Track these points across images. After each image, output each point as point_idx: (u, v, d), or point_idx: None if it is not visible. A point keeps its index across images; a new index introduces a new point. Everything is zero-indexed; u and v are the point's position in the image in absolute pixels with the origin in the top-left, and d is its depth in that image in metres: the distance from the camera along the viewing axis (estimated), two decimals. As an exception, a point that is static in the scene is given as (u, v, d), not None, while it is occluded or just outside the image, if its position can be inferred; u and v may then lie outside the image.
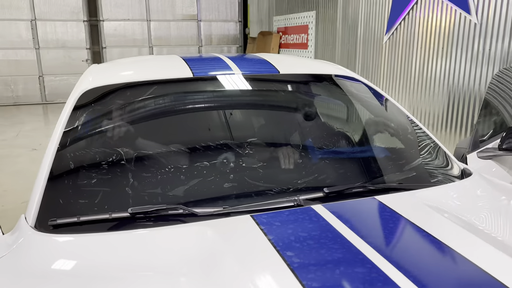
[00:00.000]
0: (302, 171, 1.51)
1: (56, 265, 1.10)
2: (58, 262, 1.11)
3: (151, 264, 1.06)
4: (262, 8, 10.17)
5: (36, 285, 1.03)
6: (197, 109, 1.76)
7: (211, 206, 1.29)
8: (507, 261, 0.99)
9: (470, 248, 1.04)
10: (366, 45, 6.17)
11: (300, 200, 1.30)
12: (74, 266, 1.10)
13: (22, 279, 1.05)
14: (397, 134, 1.82)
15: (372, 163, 1.67)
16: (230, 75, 1.83)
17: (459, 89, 4.63)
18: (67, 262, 1.12)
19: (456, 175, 1.57)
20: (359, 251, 1.02)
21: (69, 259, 1.13)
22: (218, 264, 1.01)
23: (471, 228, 1.17)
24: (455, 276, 0.94)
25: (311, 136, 1.74)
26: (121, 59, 2.35)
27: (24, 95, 9.93)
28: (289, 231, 1.12)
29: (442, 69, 4.83)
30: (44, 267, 1.09)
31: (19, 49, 9.67)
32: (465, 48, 4.48)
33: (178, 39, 10.78)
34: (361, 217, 1.19)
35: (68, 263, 1.12)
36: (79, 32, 10.00)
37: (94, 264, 1.09)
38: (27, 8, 9.52)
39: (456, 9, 4.51)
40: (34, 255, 1.13)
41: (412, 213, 1.22)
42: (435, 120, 5.01)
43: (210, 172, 1.44)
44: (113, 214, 1.24)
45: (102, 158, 1.49)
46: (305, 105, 1.91)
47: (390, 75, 5.72)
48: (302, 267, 0.96)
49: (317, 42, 7.77)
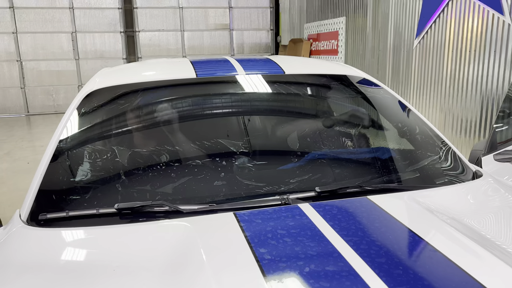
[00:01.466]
0: (296, 171, 1.46)
1: (43, 257, 1.12)
2: (45, 255, 1.13)
3: (127, 258, 1.06)
4: (294, 16, 10.17)
5: (21, 276, 1.04)
6: (197, 109, 1.76)
7: (196, 203, 1.28)
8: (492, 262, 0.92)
9: (456, 249, 0.96)
10: (396, 49, 6.02)
11: (288, 199, 1.26)
12: (59, 258, 1.12)
13: (8, 270, 1.07)
14: (404, 134, 1.75)
15: (372, 164, 1.61)
16: (233, 76, 1.82)
17: (492, 93, 4.41)
18: (53, 255, 1.14)
19: (463, 176, 1.48)
20: (335, 249, 0.97)
21: (55, 252, 1.15)
22: (187, 259, 1.00)
23: (467, 231, 1.09)
24: (433, 276, 0.88)
25: (310, 137, 1.69)
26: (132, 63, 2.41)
27: (65, 104, 10.38)
28: (268, 228, 1.09)
29: (474, 72, 4.62)
30: (31, 259, 1.11)
31: (60, 60, 10.15)
32: (499, 50, 4.27)
33: (211, 48, 10.96)
34: (347, 216, 1.14)
35: (54, 256, 1.14)
36: (116, 43, 10.38)
37: (78, 257, 1.11)
38: (68, 21, 9.99)
39: (488, 10, 4.32)
40: (22, 247, 1.16)
41: (402, 213, 1.15)
42: (468, 125, 4.79)
43: (200, 171, 1.43)
44: (100, 210, 1.25)
45: (96, 157, 1.51)
46: (308, 106, 1.86)
47: (421, 80, 5.53)
48: (272, 263, 0.93)
49: (347, 48, 7.67)
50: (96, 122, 1.66)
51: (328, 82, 1.96)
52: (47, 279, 1.00)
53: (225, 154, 1.50)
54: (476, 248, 0.99)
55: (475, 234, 1.09)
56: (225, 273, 0.92)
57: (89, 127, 1.63)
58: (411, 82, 5.73)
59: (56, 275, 1.03)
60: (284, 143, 1.65)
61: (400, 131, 1.78)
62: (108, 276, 0.99)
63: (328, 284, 0.85)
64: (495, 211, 1.27)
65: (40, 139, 7.50)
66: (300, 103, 1.86)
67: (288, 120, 1.79)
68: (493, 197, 1.38)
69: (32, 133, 8.14)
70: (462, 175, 1.49)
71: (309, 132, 1.69)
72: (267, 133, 1.70)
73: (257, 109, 1.79)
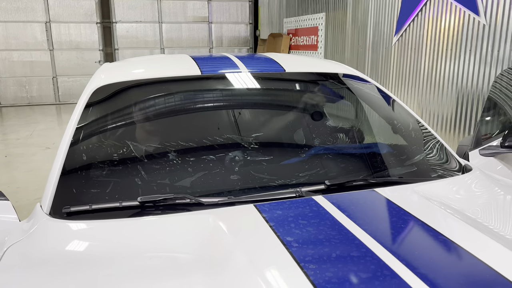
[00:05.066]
0: (305, 165, 1.56)
1: (70, 249, 1.17)
2: (72, 246, 1.18)
3: (159, 247, 1.13)
4: (273, 10, 10.24)
5: (51, 267, 1.09)
6: (205, 106, 1.83)
7: (216, 196, 1.35)
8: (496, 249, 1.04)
9: (463, 237, 1.08)
10: (376, 46, 6.20)
11: (302, 191, 1.35)
12: (87, 249, 1.17)
13: (38, 262, 1.12)
14: (399, 131, 1.87)
15: (374, 158, 1.72)
16: (237, 73, 1.89)
17: (467, 90, 4.63)
18: (80, 246, 1.19)
19: (456, 170, 1.61)
20: (355, 237, 1.07)
21: (82, 244, 1.19)
22: (222, 248, 1.07)
23: (465, 218, 1.21)
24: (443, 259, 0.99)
25: (315, 132, 1.79)
26: (132, 58, 2.43)
27: (38, 95, 10.13)
28: (289, 218, 1.17)
29: (450, 70, 4.84)
30: (59, 251, 1.15)
31: (33, 51, 9.88)
32: (474, 50, 4.49)
33: (189, 41, 10.91)
34: (359, 207, 1.24)
35: (81, 247, 1.19)
36: (92, 34, 10.18)
37: (105, 248, 1.16)
38: (42, 10, 9.72)
39: (464, 10, 4.52)
40: (49, 239, 1.20)
41: (408, 204, 1.26)
42: (444, 121, 5.01)
43: (216, 165, 1.50)
44: (123, 203, 1.30)
45: (113, 151, 1.56)
46: (309, 103, 1.96)
47: (399, 77, 5.73)
48: (301, 250, 1.02)
49: (327, 43, 7.81)
50: (109, 117, 1.70)
51: (326, 79, 2.06)
52: (85, 268, 1.06)
53: (237, 148, 1.58)
54: (478, 234, 1.11)
55: (473, 221, 1.21)
56: (259, 259, 1.00)
57: (101, 122, 1.67)
58: (390, 78, 5.93)
59: (89, 265, 1.08)
60: (291, 138, 1.74)
61: (395, 127, 1.90)
62: (145, 265, 1.05)
63: (355, 268, 0.95)
64: (485, 201, 1.41)
65: (15, 132, 7.32)
66: (302, 99, 1.96)
67: (292, 116, 1.88)
68: (483, 189, 1.51)
69: (5, 126, 7.92)
70: (455, 169, 1.63)
71: (314, 128, 1.79)
72: (273, 128, 1.78)
73: (263, 106, 1.87)
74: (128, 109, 1.74)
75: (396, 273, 0.93)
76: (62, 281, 1.01)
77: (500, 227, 1.21)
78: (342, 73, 2.05)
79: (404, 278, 0.91)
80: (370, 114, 2.03)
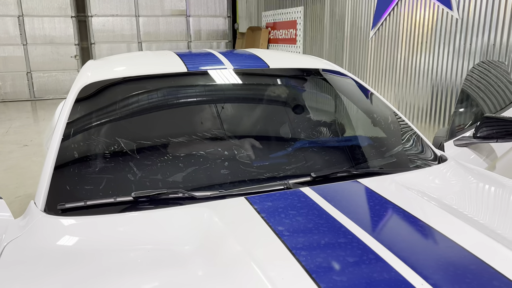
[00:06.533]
0: (292, 159, 1.63)
1: (67, 245, 1.20)
2: (68, 242, 1.22)
3: (155, 240, 1.17)
4: (251, 3, 10.26)
5: (49, 263, 1.12)
6: (193, 102, 1.87)
7: (208, 190, 1.40)
8: (470, 232, 1.13)
9: (439, 222, 1.17)
10: (353, 40, 6.31)
11: (289, 183, 1.42)
12: (83, 245, 1.21)
13: (36, 258, 1.15)
14: (379, 124, 1.95)
15: (356, 151, 1.80)
16: (222, 70, 1.94)
17: (442, 82, 4.79)
18: (76, 242, 1.22)
19: (432, 160, 1.71)
20: (341, 225, 1.15)
21: (78, 239, 1.23)
22: (217, 239, 1.13)
23: (441, 205, 1.31)
24: (423, 243, 1.08)
25: (299, 127, 1.86)
26: (116, 55, 2.45)
27: (12, 91, 9.90)
28: (279, 209, 1.24)
29: (425, 63, 4.99)
30: (56, 247, 1.19)
31: (6, 45, 9.63)
32: (447, 43, 4.64)
33: (167, 34, 10.82)
34: (344, 197, 1.32)
35: (77, 243, 1.22)
36: (67, 28, 9.98)
37: (100, 243, 1.19)
38: (14, 3, 9.47)
39: (438, 4, 4.67)
40: (46, 236, 1.23)
41: (388, 192, 1.35)
42: (420, 112, 5.18)
43: (206, 160, 1.55)
44: (117, 198, 1.34)
45: (103, 148, 1.59)
46: (293, 98, 2.03)
47: (376, 70, 5.87)
48: (292, 238, 1.09)
49: (306, 37, 7.90)
50: (98, 114, 1.72)
51: (308, 75, 2.13)
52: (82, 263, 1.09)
53: (225, 143, 1.63)
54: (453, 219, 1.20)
55: (449, 207, 1.31)
56: (253, 248, 1.06)
57: (91, 118, 1.70)
58: (367, 71, 6.06)
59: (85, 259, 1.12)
60: (277, 133, 1.81)
61: (375, 120, 1.99)
62: (143, 257, 1.10)
63: (343, 253, 1.02)
64: (459, 190, 1.51)
65: (-10, 129, 7.16)
66: (286, 95, 2.02)
67: (276, 111, 1.94)
68: (457, 178, 1.61)
69: (-21, 123, 7.73)
70: (431, 159, 1.72)
71: (298, 122, 1.86)
72: (260, 123, 1.85)
73: (249, 101, 1.92)
74: (117, 105, 1.77)
75: (380, 256, 1.01)
76: (60, 276, 1.04)
77: (473, 212, 1.31)
78: (323, 69, 2.13)
79: (388, 261, 0.99)
80: (350, 108, 2.11)
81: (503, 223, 1.24)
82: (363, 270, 0.97)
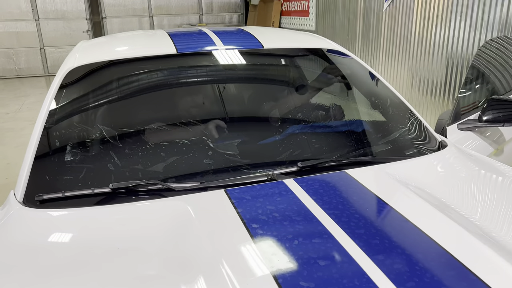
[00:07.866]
0: (279, 147, 1.56)
1: (43, 237, 1.19)
2: (45, 235, 1.20)
3: (129, 235, 1.14)
4: (263, -26, 9.94)
5: (23, 256, 1.11)
6: (179, 85, 1.80)
7: (188, 181, 1.36)
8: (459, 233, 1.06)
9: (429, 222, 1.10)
10: (367, 12, 6.07)
11: (273, 174, 1.36)
12: (59, 238, 1.19)
13: (10, 251, 1.13)
14: (377, 107, 1.86)
15: (349, 137, 1.72)
16: (213, 51, 1.85)
17: (457, 56, 4.58)
18: (53, 235, 1.20)
19: (431, 147, 1.61)
20: (319, 222, 1.09)
21: (54, 232, 1.21)
22: (187, 235, 1.09)
23: (432, 200, 1.23)
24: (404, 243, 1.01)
25: (290, 112, 1.78)
26: (109, 35, 2.38)
27: (27, 67, 9.96)
28: (257, 204, 1.19)
29: (441, 36, 4.77)
30: (31, 240, 1.17)
31: (18, 21, 9.62)
32: (464, 15, 4.41)
33: (179, 8, 10.63)
34: (328, 191, 1.25)
35: (54, 236, 1.20)
36: (79, 2, 9.90)
37: (77, 236, 1.18)
38: (25, -22, 9.41)
39: (456, -26, 4.41)
40: (22, 228, 1.22)
41: (376, 186, 1.28)
42: (434, 86, 4.99)
43: (189, 149, 1.50)
44: (95, 190, 1.31)
45: (86, 136, 1.55)
46: (286, 81, 1.94)
47: (390, 43, 5.65)
48: (264, 237, 1.04)
49: (318, 9, 7.64)
50: (82, 100, 1.68)
51: (304, 55, 2.03)
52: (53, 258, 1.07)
53: (211, 130, 1.57)
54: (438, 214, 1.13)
55: (441, 203, 1.23)
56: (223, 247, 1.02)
57: (76, 105, 1.65)
58: (381, 44, 5.85)
59: (60, 254, 1.10)
60: (266, 117, 1.73)
61: (373, 103, 1.89)
62: (113, 254, 1.07)
63: (315, 255, 0.97)
64: (457, 180, 1.42)
65: (4, 105, 7.25)
66: (278, 77, 1.93)
67: (267, 95, 1.86)
68: (455, 167, 1.52)
69: (-5, 99, 7.84)
70: (429, 146, 1.63)
71: (289, 105, 1.78)
72: (248, 108, 1.77)
73: (238, 85, 1.85)
74: (101, 91, 1.72)
75: (354, 259, 0.95)
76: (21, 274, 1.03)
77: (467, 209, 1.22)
78: (322, 48, 2.02)
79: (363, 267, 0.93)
80: (348, 89, 2.01)
81: (496, 221, 1.16)
82: (338, 271, 0.92)
